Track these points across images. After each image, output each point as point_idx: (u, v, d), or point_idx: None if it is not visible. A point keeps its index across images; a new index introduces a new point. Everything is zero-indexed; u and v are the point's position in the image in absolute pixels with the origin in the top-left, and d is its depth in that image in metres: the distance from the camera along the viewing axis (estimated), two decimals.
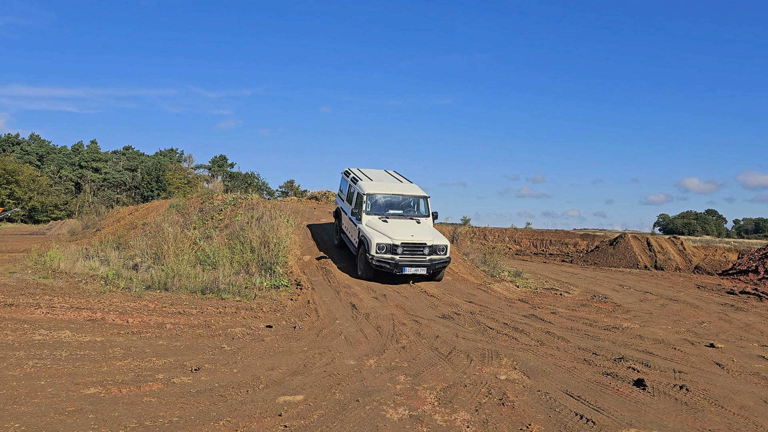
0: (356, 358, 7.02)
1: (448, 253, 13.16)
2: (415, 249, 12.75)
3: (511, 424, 5.02)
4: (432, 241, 12.87)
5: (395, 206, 14.27)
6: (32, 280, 11.90)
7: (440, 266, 12.97)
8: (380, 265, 12.60)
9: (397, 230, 13.00)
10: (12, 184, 52.47)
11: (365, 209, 13.67)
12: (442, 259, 12.97)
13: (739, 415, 5.41)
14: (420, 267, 12.73)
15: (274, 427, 4.79)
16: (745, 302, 13.23)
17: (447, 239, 13.22)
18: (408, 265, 12.65)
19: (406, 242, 12.68)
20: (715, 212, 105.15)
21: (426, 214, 14.24)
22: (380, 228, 13.06)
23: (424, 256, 12.82)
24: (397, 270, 12.60)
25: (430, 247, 12.85)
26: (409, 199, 14.54)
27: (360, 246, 13.32)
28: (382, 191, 14.17)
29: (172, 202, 23.50)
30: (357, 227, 13.60)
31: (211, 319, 9.00)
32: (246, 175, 74.13)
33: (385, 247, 12.60)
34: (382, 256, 12.61)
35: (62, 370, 6.12)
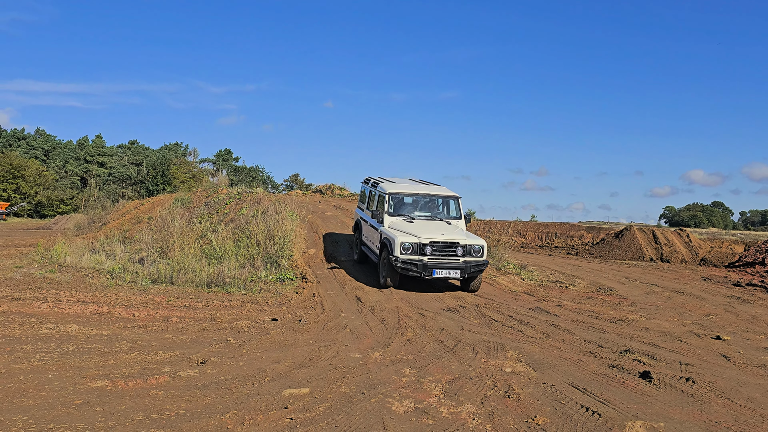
0: (361, 351, 7.03)
1: (485, 255, 11.48)
2: (447, 249, 11.16)
3: (517, 416, 5.02)
4: (466, 240, 11.27)
5: (421, 207, 12.85)
6: (39, 275, 11.96)
7: (476, 270, 11.26)
8: (406, 267, 11.01)
9: (425, 229, 11.53)
10: (18, 179, 52.63)
11: (387, 210, 12.23)
12: (478, 262, 11.27)
13: (746, 408, 5.39)
14: (453, 270, 11.05)
15: (280, 419, 4.80)
16: (751, 294, 13.17)
17: (484, 240, 11.66)
18: (439, 267, 11.01)
19: (435, 241, 11.10)
20: (721, 204, 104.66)
21: (457, 216, 12.66)
22: (405, 228, 11.64)
23: (457, 258, 11.17)
24: (425, 273, 10.97)
25: (464, 247, 11.22)
26: (437, 199, 13.07)
27: (382, 250, 11.77)
28: (406, 190, 12.72)
29: (178, 196, 23.57)
30: (378, 231, 12.17)
31: (216, 312, 9.03)
32: (251, 169, 74.17)
33: (411, 246, 11.04)
34: (408, 257, 11.03)
35: (69, 363, 6.15)
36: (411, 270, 11.01)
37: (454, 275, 11.11)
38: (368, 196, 13.73)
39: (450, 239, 11.20)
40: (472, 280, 11.66)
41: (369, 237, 12.96)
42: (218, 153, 75.29)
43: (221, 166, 74.14)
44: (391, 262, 11.11)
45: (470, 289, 11.77)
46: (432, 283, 12.45)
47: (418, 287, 11.95)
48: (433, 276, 11.01)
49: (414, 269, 11.01)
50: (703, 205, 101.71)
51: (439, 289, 12.01)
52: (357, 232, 14.23)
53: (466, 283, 11.79)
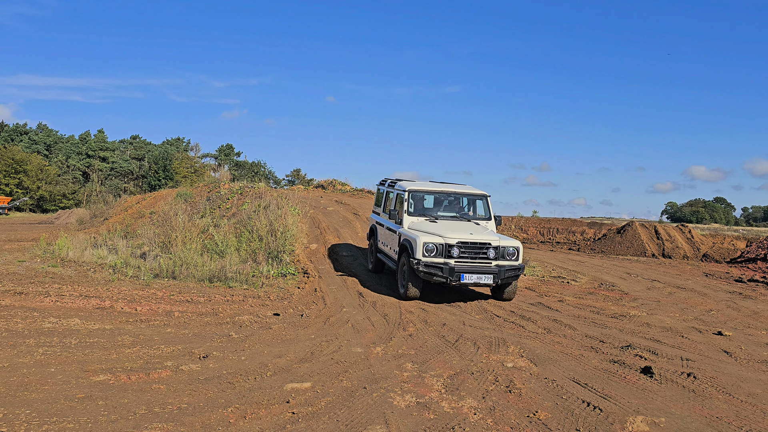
0: (363, 346, 7.05)
1: (521, 258, 10.12)
2: (477, 251, 9.78)
3: (518, 411, 5.03)
4: (498, 241, 9.90)
5: (445, 207, 11.59)
6: (41, 269, 11.99)
7: (511, 275, 9.87)
8: (429, 272, 9.59)
9: (451, 229, 10.19)
10: (20, 173, 52.73)
11: (406, 209, 10.91)
12: (512, 266, 9.90)
13: (747, 403, 5.40)
14: (484, 275, 9.65)
15: (282, 414, 4.82)
16: (753, 290, 13.16)
17: (519, 241, 10.32)
18: (468, 272, 9.60)
19: (464, 241, 9.72)
20: (723, 200, 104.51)
21: (486, 216, 11.33)
22: (428, 228, 10.31)
23: (489, 261, 9.82)
24: (452, 279, 9.55)
25: (497, 249, 9.84)
26: (463, 198, 11.71)
27: (401, 254, 10.37)
28: (427, 188, 11.40)
29: (180, 191, 23.57)
30: (397, 233, 10.82)
31: (218, 307, 9.05)
32: (252, 164, 74.20)
33: (435, 248, 9.65)
34: (432, 260, 9.63)
35: (72, 357, 6.17)
36: (435, 275, 9.60)
37: (485, 281, 9.71)
38: (385, 197, 12.51)
39: (480, 239, 9.83)
40: (506, 287, 10.32)
41: (386, 242, 11.68)
42: (220, 148, 75.35)
43: (223, 161, 74.16)
44: (412, 266, 9.72)
45: (503, 298, 10.44)
46: (453, 289, 11.41)
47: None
48: (461, 282, 9.58)
49: (439, 274, 9.58)
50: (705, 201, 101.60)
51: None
52: (372, 238, 12.87)
53: (499, 290, 10.46)
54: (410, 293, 10.01)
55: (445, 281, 9.63)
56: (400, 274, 10.39)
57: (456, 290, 11.42)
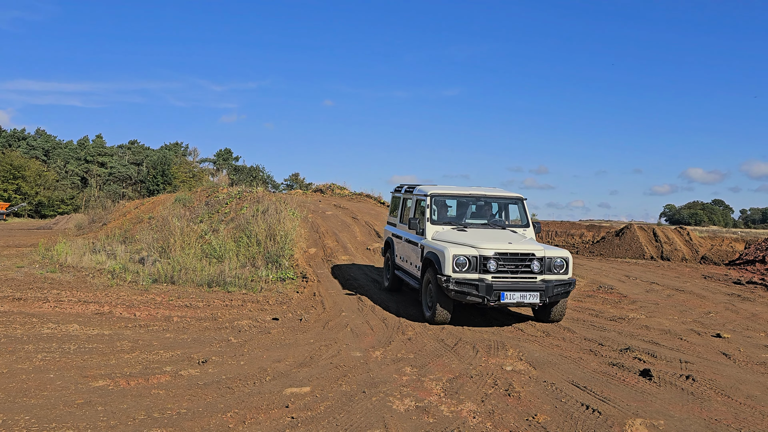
0: (362, 350, 7.05)
1: (571, 271, 8.51)
2: (518, 263, 8.22)
3: (517, 414, 5.04)
4: (543, 251, 8.35)
5: (472, 214, 10.01)
6: (40, 275, 11.98)
7: (560, 292, 8.31)
8: (462, 291, 8.01)
9: (484, 238, 8.65)
10: (19, 179, 52.69)
11: (429, 216, 9.40)
12: (561, 282, 8.30)
13: (746, 405, 5.40)
14: (529, 293, 8.08)
15: (281, 418, 4.82)
16: (751, 292, 13.18)
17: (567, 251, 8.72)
18: (509, 290, 8.04)
19: (502, 252, 8.18)
20: (721, 202, 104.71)
21: (524, 223, 9.76)
22: (456, 238, 8.76)
23: (533, 276, 8.25)
24: (490, 298, 7.97)
25: (541, 261, 8.28)
26: (494, 202, 10.07)
27: (425, 270, 8.90)
28: (452, 192, 9.87)
29: (178, 195, 23.59)
30: (419, 245, 9.31)
31: (217, 311, 9.05)
32: (251, 168, 74.21)
33: (467, 261, 8.08)
34: (465, 276, 8.06)
35: (71, 363, 6.17)
36: (469, 294, 8.01)
37: (530, 300, 8.13)
38: (402, 205, 10.98)
39: (522, 250, 8.29)
40: (553, 306, 8.70)
41: (405, 256, 10.20)
42: (218, 152, 75.39)
43: (221, 165, 74.19)
44: (440, 284, 8.14)
45: (550, 320, 8.83)
46: (476, 308, 9.71)
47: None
48: (501, 302, 8.00)
49: (474, 293, 7.99)
50: (704, 203, 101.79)
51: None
52: (388, 252, 11.40)
53: (544, 310, 8.81)
54: (439, 317, 8.42)
55: (482, 302, 8.01)
56: (425, 293, 8.90)
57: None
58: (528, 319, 9.19)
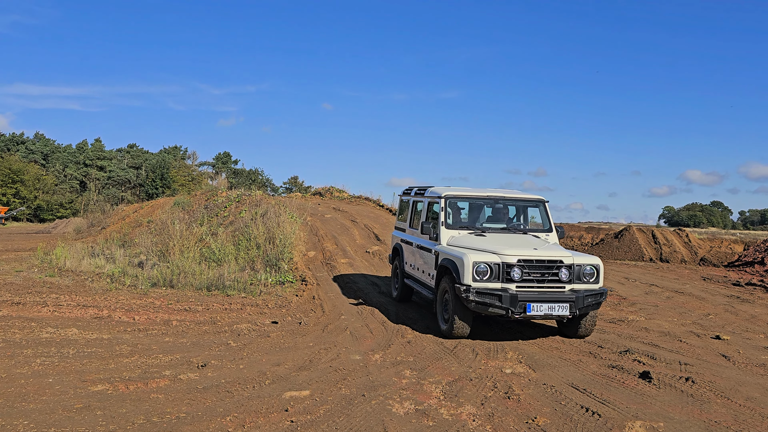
0: (362, 353, 7.04)
1: (602, 279, 7.79)
2: (545, 271, 7.52)
3: (517, 417, 5.03)
4: (571, 258, 7.66)
5: (491, 218, 9.28)
6: (38, 279, 11.96)
7: (591, 303, 7.56)
8: (483, 302, 7.30)
9: (506, 243, 7.97)
10: (17, 183, 52.64)
11: (444, 220, 8.68)
12: (592, 291, 7.59)
13: (745, 407, 5.40)
14: (557, 304, 7.37)
15: (281, 422, 4.81)
16: (751, 294, 13.18)
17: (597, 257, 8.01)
18: (535, 300, 7.33)
19: (527, 259, 7.48)
20: (720, 204, 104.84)
21: (547, 226, 9.04)
22: (474, 243, 8.08)
23: (562, 286, 7.55)
24: (515, 310, 7.26)
25: (570, 269, 7.58)
26: (513, 204, 9.28)
27: (440, 278, 8.17)
28: (467, 193, 9.11)
29: (177, 199, 23.59)
30: (432, 251, 8.64)
31: (216, 315, 9.04)
32: (250, 171, 74.24)
33: (489, 269, 7.40)
34: (486, 285, 7.37)
35: (70, 367, 6.16)
36: (492, 305, 7.31)
37: (559, 312, 7.39)
38: (411, 209, 10.27)
39: (549, 256, 7.60)
40: (582, 318, 7.91)
41: (416, 264, 9.51)
42: (217, 156, 75.40)
43: (220, 168, 74.19)
44: (458, 294, 7.44)
45: (578, 335, 8.05)
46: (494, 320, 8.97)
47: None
48: (527, 314, 7.30)
49: (497, 304, 7.29)
50: (703, 205, 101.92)
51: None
52: (397, 259, 10.70)
53: (572, 324, 8.04)
54: (457, 331, 7.72)
55: (505, 314, 7.31)
56: (440, 304, 8.18)
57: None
58: (527, 323, 9.17)
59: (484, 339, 7.90)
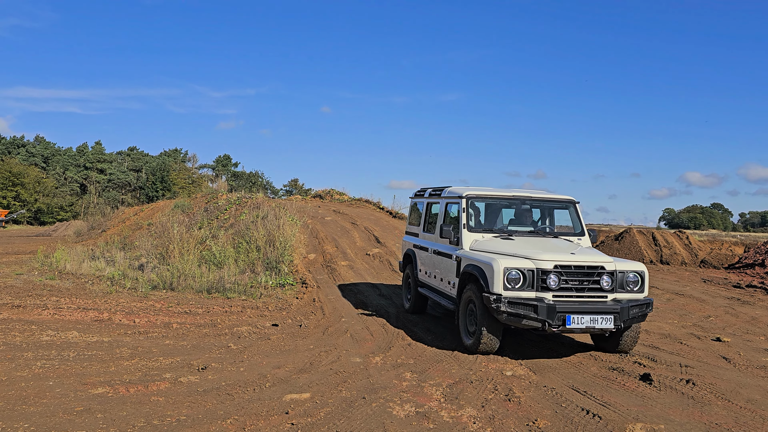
0: (362, 356, 7.04)
1: (647, 287, 7.00)
2: (584, 279, 6.75)
3: (518, 419, 5.03)
4: (613, 264, 6.90)
5: (513, 220, 8.54)
6: (39, 282, 11.96)
7: (636, 314, 6.78)
8: (516, 313, 6.52)
9: (539, 248, 7.19)
10: (18, 186, 52.68)
11: (466, 222, 7.87)
12: (637, 301, 6.83)
13: (746, 409, 5.40)
14: (600, 315, 6.59)
15: (281, 424, 4.81)
16: (751, 296, 13.18)
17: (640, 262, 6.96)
18: (576, 312, 6.55)
19: (564, 264, 6.71)
20: (720, 206, 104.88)
21: (578, 230, 8.28)
22: (502, 247, 7.28)
23: (603, 295, 6.78)
24: (553, 323, 6.48)
25: (612, 275, 6.81)
26: (540, 205, 8.49)
27: (464, 287, 7.41)
28: (491, 193, 8.29)
29: (177, 202, 23.61)
30: (453, 257, 7.86)
31: (217, 318, 9.04)
32: (250, 174, 74.31)
33: (521, 276, 6.63)
34: (519, 294, 6.59)
35: (70, 370, 6.16)
36: (526, 317, 6.53)
37: (602, 325, 6.60)
38: (425, 212, 9.55)
39: (589, 261, 6.84)
40: (626, 330, 7.16)
41: (433, 270, 8.74)
42: (217, 159, 75.47)
43: (220, 171, 74.26)
44: (488, 304, 6.65)
45: (619, 349, 7.30)
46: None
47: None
48: (567, 326, 6.52)
49: (532, 316, 6.50)
50: (703, 207, 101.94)
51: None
52: (409, 267, 9.91)
53: (612, 337, 7.27)
54: (485, 345, 6.94)
55: (541, 327, 6.54)
56: (464, 316, 7.40)
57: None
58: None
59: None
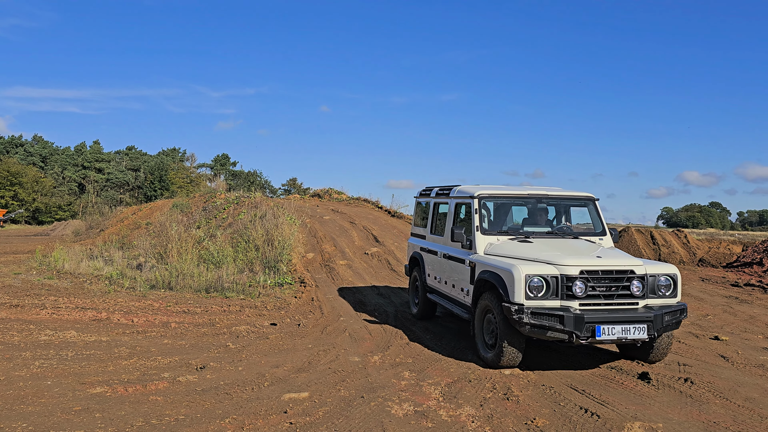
0: (361, 355, 7.04)
1: (680, 292, 6.50)
2: (613, 284, 6.20)
3: (516, 418, 5.04)
4: (643, 267, 6.35)
5: (531, 219, 7.91)
6: (37, 281, 11.95)
7: (671, 322, 6.26)
8: (540, 324, 5.96)
9: (560, 251, 6.63)
10: (16, 185, 52.59)
11: (479, 224, 7.30)
12: (670, 308, 6.30)
13: (744, 408, 5.41)
14: (633, 325, 6.03)
15: (280, 424, 4.81)
16: (749, 294, 13.20)
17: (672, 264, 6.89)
18: (605, 322, 5.98)
19: (591, 269, 6.16)
20: (719, 205, 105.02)
21: (599, 229, 7.68)
22: (520, 251, 6.70)
23: (634, 302, 6.26)
24: (581, 334, 5.92)
25: (642, 279, 6.28)
26: (558, 203, 7.90)
27: (479, 295, 6.87)
28: (506, 192, 7.72)
29: (176, 201, 23.58)
30: (466, 263, 7.28)
31: (215, 317, 9.04)
32: (248, 173, 74.23)
33: (544, 283, 6.08)
34: (542, 304, 6.06)
35: (68, 370, 6.15)
36: (551, 329, 5.98)
37: (635, 335, 6.04)
38: (432, 212, 8.95)
39: (617, 265, 6.28)
40: (659, 338, 6.57)
41: (443, 276, 8.15)
42: (216, 158, 75.39)
43: (219, 171, 74.20)
44: (508, 315, 6.09)
45: (650, 359, 6.75)
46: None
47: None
48: (597, 338, 5.96)
49: (557, 327, 5.94)
50: (701, 206, 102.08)
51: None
52: (416, 271, 9.31)
53: (645, 347, 6.70)
54: (507, 359, 6.37)
55: (568, 339, 5.98)
56: (480, 326, 6.85)
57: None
58: None
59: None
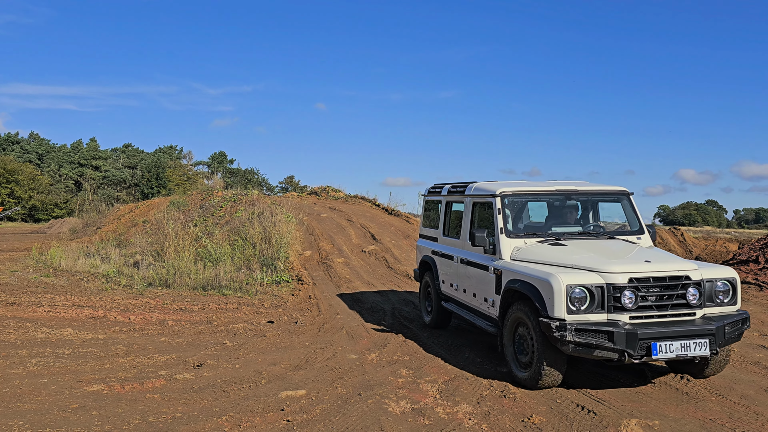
0: (358, 353, 7.04)
1: (739, 298, 5.73)
2: (666, 293, 5.41)
3: (513, 416, 5.04)
4: (699, 271, 5.57)
5: (558, 219, 6.90)
6: (34, 279, 11.92)
7: (734, 334, 5.51)
8: (586, 343, 5.16)
9: (601, 255, 5.84)
10: (12, 183, 52.46)
11: (503, 226, 6.40)
12: (731, 317, 5.56)
13: (740, 405, 5.42)
14: (692, 339, 5.26)
15: (277, 421, 4.81)
16: (745, 292, 13.23)
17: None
18: (662, 338, 5.21)
19: (640, 276, 5.36)
20: (715, 203, 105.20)
21: (635, 227, 6.83)
22: (554, 257, 5.85)
23: (691, 312, 5.50)
24: (633, 352, 5.13)
25: (699, 286, 5.50)
26: (589, 199, 7.03)
27: (508, 307, 6.05)
28: (529, 188, 6.84)
29: (173, 199, 23.52)
30: (490, 270, 6.41)
31: (212, 315, 9.03)
32: (246, 171, 74.12)
33: (587, 294, 5.29)
34: (587, 318, 5.26)
35: (65, 368, 6.15)
36: (599, 348, 5.18)
37: (696, 351, 5.29)
38: (445, 212, 8.08)
39: (670, 270, 5.50)
40: (721, 350, 5.74)
41: (461, 284, 7.28)
42: (213, 155, 75.22)
43: (216, 168, 74.05)
44: (547, 332, 5.29)
45: (705, 374, 5.98)
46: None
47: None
48: (653, 357, 5.19)
49: (606, 345, 5.15)
50: (698, 204, 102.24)
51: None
52: (428, 275, 8.50)
53: (702, 362, 5.85)
54: (546, 380, 5.56)
55: (618, 358, 5.21)
56: (511, 342, 6.01)
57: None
58: None
59: (480, 338, 7.91)
